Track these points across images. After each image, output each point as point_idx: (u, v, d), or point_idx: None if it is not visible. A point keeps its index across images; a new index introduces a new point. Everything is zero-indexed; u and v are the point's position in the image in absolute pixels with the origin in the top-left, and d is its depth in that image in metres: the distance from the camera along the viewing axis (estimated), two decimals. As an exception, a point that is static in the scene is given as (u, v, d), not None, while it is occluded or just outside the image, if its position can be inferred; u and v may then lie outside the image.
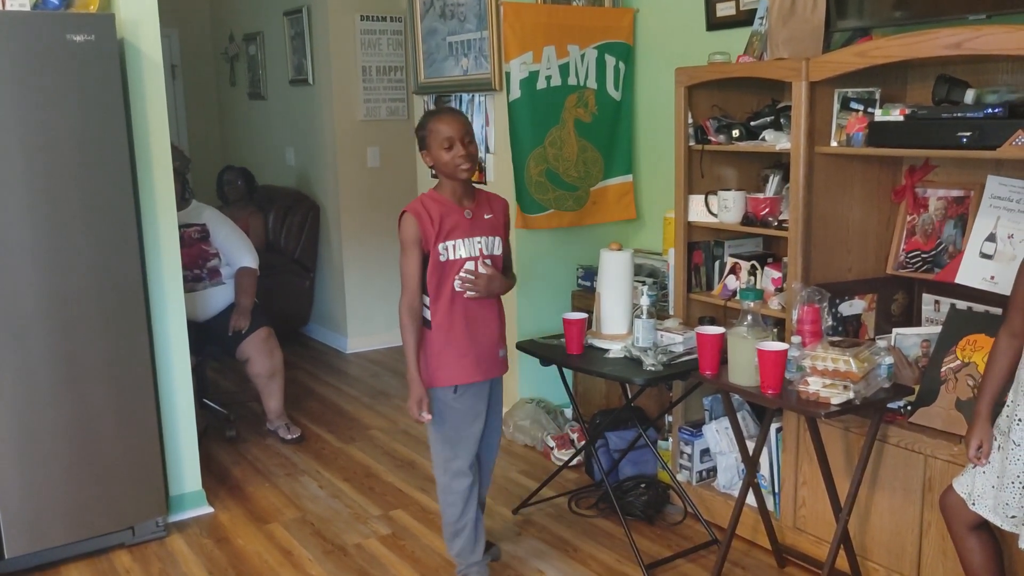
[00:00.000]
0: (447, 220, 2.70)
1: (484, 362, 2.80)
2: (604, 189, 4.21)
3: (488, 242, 2.77)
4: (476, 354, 2.77)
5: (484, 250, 2.76)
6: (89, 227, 3.05)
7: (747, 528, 3.20)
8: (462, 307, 2.74)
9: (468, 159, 2.67)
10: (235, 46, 6.91)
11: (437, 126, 2.69)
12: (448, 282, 2.73)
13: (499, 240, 2.81)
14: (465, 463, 2.83)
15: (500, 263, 2.83)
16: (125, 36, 3.21)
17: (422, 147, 2.74)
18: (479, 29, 4.07)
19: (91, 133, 3.02)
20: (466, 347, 2.75)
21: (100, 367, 3.13)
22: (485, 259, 2.75)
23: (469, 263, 2.73)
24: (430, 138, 2.70)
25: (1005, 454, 2.18)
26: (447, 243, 2.70)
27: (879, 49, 2.68)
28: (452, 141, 2.66)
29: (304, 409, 4.81)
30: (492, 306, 2.82)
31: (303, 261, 6.01)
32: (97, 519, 3.21)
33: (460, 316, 2.74)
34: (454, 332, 2.74)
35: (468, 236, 2.73)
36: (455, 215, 2.72)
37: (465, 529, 2.87)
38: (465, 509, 2.85)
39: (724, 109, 3.37)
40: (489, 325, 2.81)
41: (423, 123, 2.74)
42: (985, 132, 2.47)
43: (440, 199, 2.74)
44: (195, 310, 4.09)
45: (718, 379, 2.82)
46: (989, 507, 2.23)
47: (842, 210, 3.01)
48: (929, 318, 3.03)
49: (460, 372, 2.76)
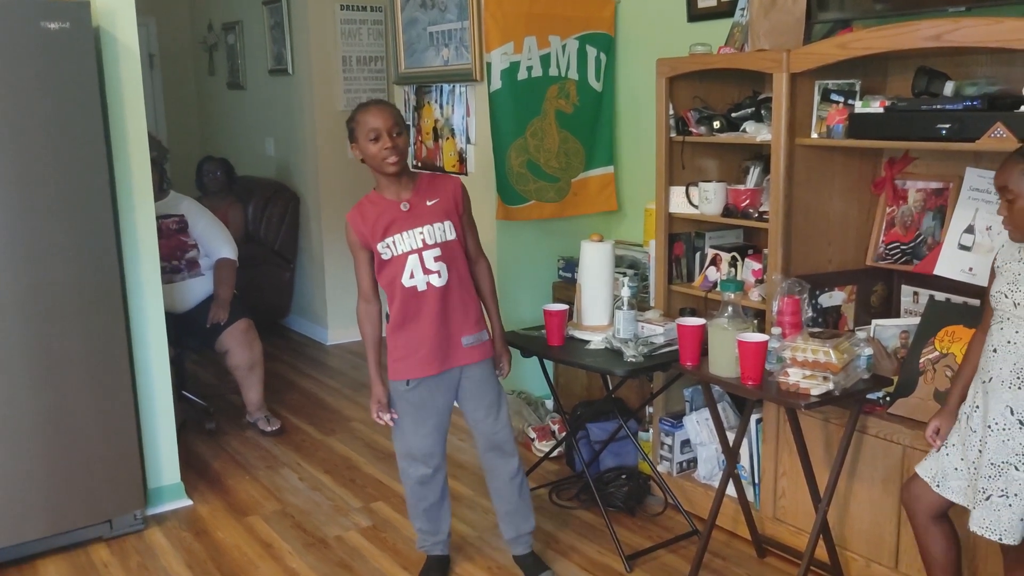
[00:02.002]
0: (382, 219, 2.68)
1: (442, 353, 2.75)
2: (585, 180, 4.21)
3: (432, 230, 2.69)
4: (431, 347, 2.73)
5: (427, 240, 2.68)
6: (65, 218, 3.02)
7: (727, 519, 3.21)
8: (414, 301, 2.71)
9: (395, 151, 2.61)
10: (214, 35, 6.85)
11: (364, 117, 2.63)
12: (397, 279, 2.70)
13: (449, 225, 2.72)
14: (419, 452, 2.84)
15: (459, 247, 2.75)
16: (101, 24, 3.17)
17: (351, 139, 2.68)
18: (460, 19, 4.05)
19: (66, 123, 2.98)
20: (418, 341, 2.73)
21: (77, 359, 3.10)
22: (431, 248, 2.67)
23: (412, 256, 2.67)
24: (358, 130, 2.64)
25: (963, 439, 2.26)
26: (386, 240, 2.68)
27: (859, 41, 2.69)
28: (379, 132, 2.60)
29: (284, 401, 4.79)
30: (452, 295, 2.74)
31: (283, 252, 5.98)
32: (74, 512, 3.18)
33: (412, 311, 2.71)
34: (407, 327, 2.73)
35: (407, 229, 2.68)
36: (391, 211, 2.69)
37: (423, 514, 2.94)
38: (422, 494, 2.90)
39: (705, 100, 3.37)
40: (448, 316, 2.74)
41: (352, 115, 2.69)
42: (964, 124, 2.48)
43: (376, 199, 2.72)
44: (174, 302, 4.06)
45: (698, 370, 2.82)
46: (953, 488, 2.27)
47: (822, 202, 3.02)
48: (908, 309, 3.05)
49: (411, 366, 2.76)
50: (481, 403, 2.86)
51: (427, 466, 2.86)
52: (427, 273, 2.69)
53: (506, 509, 2.95)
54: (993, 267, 2.26)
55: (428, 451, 2.85)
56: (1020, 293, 2.12)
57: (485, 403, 2.86)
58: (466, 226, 2.81)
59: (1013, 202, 2.10)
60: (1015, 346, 2.12)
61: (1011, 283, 2.15)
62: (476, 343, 2.81)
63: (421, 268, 2.69)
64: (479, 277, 2.87)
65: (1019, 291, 2.12)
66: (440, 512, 2.96)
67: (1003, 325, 2.16)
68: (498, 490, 2.95)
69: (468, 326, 2.79)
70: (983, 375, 2.21)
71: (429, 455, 2.85)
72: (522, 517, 2.95)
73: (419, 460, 2.85)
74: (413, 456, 2.86)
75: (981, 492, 2.18)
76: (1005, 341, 2.14)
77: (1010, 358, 2.13)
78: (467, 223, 2.82)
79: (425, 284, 2.70)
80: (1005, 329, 2.15)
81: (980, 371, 2.22)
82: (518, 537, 2.97)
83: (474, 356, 2.81)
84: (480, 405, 2.86)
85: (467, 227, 2.82)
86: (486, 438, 2.89)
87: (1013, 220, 2.12)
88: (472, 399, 2.86)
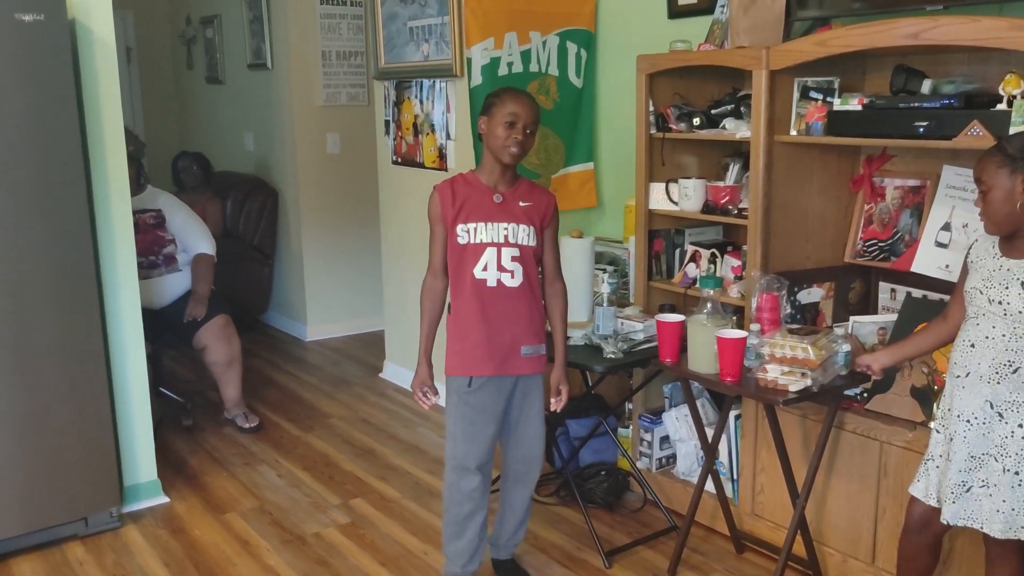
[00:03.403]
0: (470, 201, 2.60)
1: (500, 356, 2.63)
2: (565, 176, 4.20)
3: (516, 230, 2.60)
4: (491, 347, 2.62)
5: (509, 237, 2.59)
6: (40, 213, 2.98)
7: (706, 514, 3.22)
8: (481, 295, 2.61)
9: (519, 145, 2.55)
10: (192, 29, 6.80)
11: (510, 99, 2.57)
12: (467, 267, 2.60)
13: (532, 231, 2.62)
14: (474, 462, 2.68)
15: (533, 255, 2.64)
16: (76, 16, 3.13)
17: (484, 112, 2.62)
18: (440, 14, 4.03)
19: (41, 117, 2.95)
20: (479, 338, 2.62)
21: (52, 356, 3.06)
22: (511, 247, 2.59)
23: (491, 249, 2.59)
24: (497, 107, 2.57)
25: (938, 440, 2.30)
26: (467, 225, 2.59)
27: (838, 38, 2.70)
28: (516, 120, 2.54)
29: (263, 397, 4.76)
30: (521, 299, 2.64)
31: (262, 247, 5.94)
32: (49, 510, 3.15)
33: (476, 305, 2.61)
34: (470, 321, 2.63)
35: (492, 220, 2.59)
36: (482, 197, 2.61)
37: (467, 533, 2.74)
38: (472, 512, 2.72)
39: (685, 97, 3.37)
40: (513, 319, 2.63)
41: (498, 91, 2.63)
42: (941, 122, 2.50)
43: (472, 180, 2.65)
44: (151, 297, 4.03)
45: (678, 367, 2.83)
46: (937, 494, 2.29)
47: (801, 199, 3.03)
48: (885, 306, 3.07)
49: (470, 363, 2.64)
50: (522, 413, 2.74)
51: (478, 475, 2.69)
52: (501, 270, 2.61)
53: (511, 519, 2.88)
54: (966, 262, 2.28)
55: (485, 459, 2.70)
56: (994, 290, 2.14)
57: (526, 414, 2.74)
58: (548, 241, 2.70)
59: (987, 193, 2.12)
60: (993, 341, 2.14)
61: (985, 279, 2.16)
62: (534, 355, 2.70)
63: (496, 264, 2.60)
64: (552, 298, 2.75)
65: (993, 287, 2.14)
66: (483, 535, 2.79)
67: (979, 321, 2.18)
68: (512, 501, 2.86)
69: (531, 336, 2.68)
70: (957, 370, 2.23)
71: (485, 463, 2.71)
72: (519, 528, 2.90)
73: (473, 471, 2.68)
74: (466, 467, 2.68)
75: (961, 485, 2.19)
76: (983, 336, 2.16)
77: (988, 353, 2.15)
78: (549, 239, 2.71)
79: (496, 281, 2.61)
80: (982, 325, 2.17)
81: (955, 366, 2.24)
82: (507, 544, 2.92)
83: (530, 368, 2.70)
84: (520, 415, 2.74)
85: (549, 243, 2.71)
86: (518, 449, 2.78)
87: (987, 212, 2.14)
88: (515, 409, 2.73)
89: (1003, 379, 2.13)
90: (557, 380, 2.76)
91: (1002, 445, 2.14)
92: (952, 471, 2.21)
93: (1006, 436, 2.13)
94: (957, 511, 2.20)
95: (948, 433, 2.24)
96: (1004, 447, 2.14)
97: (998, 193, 2.10)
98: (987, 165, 2.12)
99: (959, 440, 2.20)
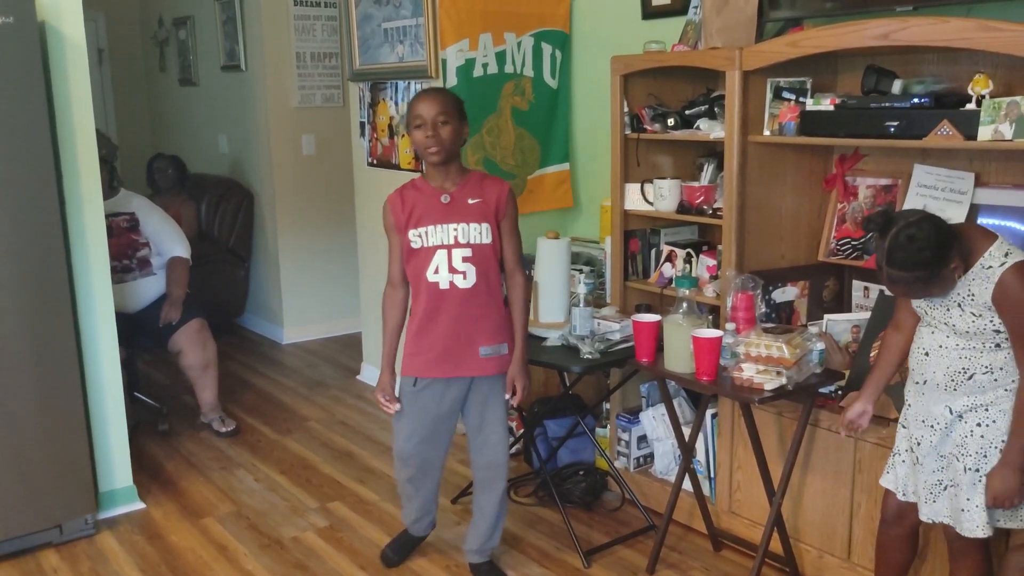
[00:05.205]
0: (420, 206, 2.63)
1: (453, 358, 2.68)
2: (541, 177, 4.21)
3: (467, 229, 2.62)
4: (443, 349, 2.66)
5: (460, 238, 2.61)
6: (10, 217, 2.95)
7: (684, 513, 3.23)
8: (435, 298, 2.64)
9: (436, 142, 2.56)
10: (164, 30, 6.74)
11: (413, 104, 2.61)
12: (423, 271, 2.64)
13: (486, 227, 2.63)
14: (405, 454, 2.84)
15: (491, 253, 2.66)
16: (46, 19, 3.10)
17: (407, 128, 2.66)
18: (415, 15, 4.03)
19: (10, 120, 2.91)
20: (431, 341, 2.67)
21: (24, 361, 3.03)
22: (461, 247, 2.61)
23: (441, 251, 2.61)
24: (408, 116, 2.62)
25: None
26: (418, 230, 2.62)
27: (810, 39, 2.72)
28: (422, 120, 2.56)
29: (239, 401, 4.73)
30: (476, 299, 2.65)
31: (237, 250, 5.90)
32: (22, 517, 3.11)
33: (431, 307, 2.65)
34: (425, 325, 2.67)
35: (441, 222, 2.62)
36: (430, 200, 2.64)
37: (407, 504, 3.01)
38: (411, 495, 2.95)
39: (659, 98, 3.39)
40: (468, 321, 2.66)
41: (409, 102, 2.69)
42: (912, 122, 2.53)
43: (420, 185, 2.68)
44: (125, 301, 3.99)
45: (654, 366, 2.84)
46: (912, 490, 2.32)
47: (775, 198, 3.05)
48: (859, 304, 3.09)
49: (421, 365, 2.71)
50: (483, 419, 2.78)
51: (409, 467, 2.87)
52: (452, 272, 2.62)
53: (482, 524, 2.90)
54: None
55: (425, 456, 2.85)
56: (937, 311, 2.17)
57: (487, 420, 2.78)
58: (505, 234, 2.70)
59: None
60: (946, 350, 2.17)
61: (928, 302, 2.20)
62: (494, 355, 2.71)
63: (447, 265, 2.62)
64: (511, 290, 2.75)
65: (936, 308, 2.17)
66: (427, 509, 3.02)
67: (933, 329, 2.21)
68: (482, 507, 2.89)
69: (488, 335, 2.69)
70: (917, 376, 2.26)
71: (426, 460, 2.87)
72: (492, 533, 2.92)
73: (405, 460, 2.87)
74: (400, 456, 2.87)
75: (937, 484, 2.23)
76: (937, 345, 2.19)
77: (943, 362, 2.18)
78: (507, 231, 2.71)
79: (448, 283, 2.63)
80: (936, 334, 2.20)
81: (913, 372, 2.28)
82: (480, 549, 2.94)
83: (489, 368, 2.72)
84: (482, 421, 2.78)
85: (506, 235, 2.71)
86: (481, 455, 2.83)
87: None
88: (475, 413, 2.78)
89: (959, 385, 2.17)
90: (512, 375, 2.75)
91: (962, 444, 2.18)
92: (926, 472, 2.24)
93: (966, 435, 2.18)
94: (940, 509, 2.24)
95: (916, 437, 2.27)
96: (964, 446, 2.18)
97: None
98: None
99: (926, 444, 2.24)
